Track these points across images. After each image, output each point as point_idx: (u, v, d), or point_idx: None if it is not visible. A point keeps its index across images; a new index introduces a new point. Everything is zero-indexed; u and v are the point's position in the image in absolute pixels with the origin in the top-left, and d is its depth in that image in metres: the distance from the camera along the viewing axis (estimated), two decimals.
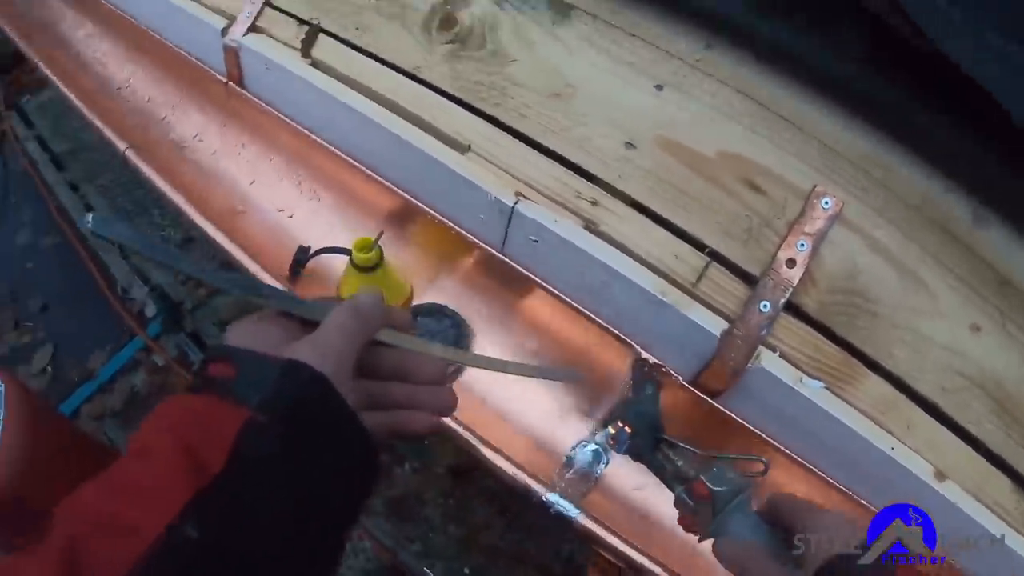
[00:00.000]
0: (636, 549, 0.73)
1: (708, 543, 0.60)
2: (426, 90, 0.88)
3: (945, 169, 0.79)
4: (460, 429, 0.76)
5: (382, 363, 0.45)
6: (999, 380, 0.81)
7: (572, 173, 0.81)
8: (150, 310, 1.62)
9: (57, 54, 1.22)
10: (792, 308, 0.77)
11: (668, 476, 0.69)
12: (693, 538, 0.65)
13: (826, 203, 0.77)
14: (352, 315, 0.42)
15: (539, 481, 0.75)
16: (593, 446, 0.82)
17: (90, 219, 0.37)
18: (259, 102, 1.02)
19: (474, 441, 0.75)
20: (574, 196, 0.80)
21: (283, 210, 1.03)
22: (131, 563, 0.30)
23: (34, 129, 1.79)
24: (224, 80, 1.04)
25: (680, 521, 0.67)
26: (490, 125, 0.84)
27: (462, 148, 0.85)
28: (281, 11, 0.99)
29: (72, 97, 1.10)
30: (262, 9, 1.00)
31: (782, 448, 0.81)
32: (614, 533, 0.73)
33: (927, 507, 0.77)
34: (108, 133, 1.04)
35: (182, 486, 0.32)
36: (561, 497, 0.73)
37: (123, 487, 0.33)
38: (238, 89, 1.04)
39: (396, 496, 1.40)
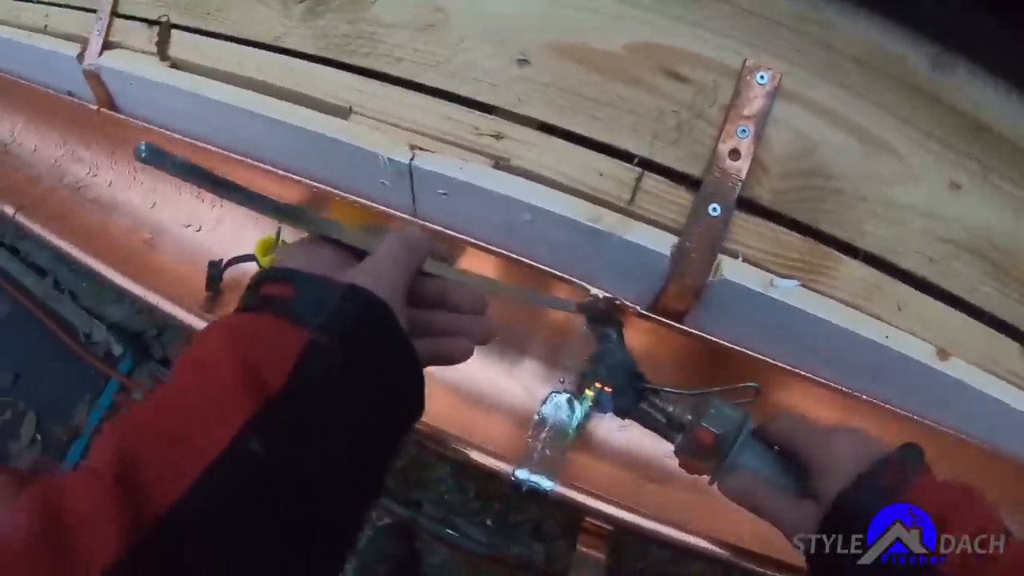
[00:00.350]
0: (627, 509, 0.55)
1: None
2: (292, 59, 0.67)
3: (890, 14, 0.60)
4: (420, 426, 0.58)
5: (426, 291, 0.41)
6: (989, 238, 0.62)
7: (466, 108, 0.60)
8: (116, 349, 1.43)
9: None
10: (746, 204, 0.58)
11: (662, 427, 0.53)
12: (691, 476, 0.50)
13: (761, 78, 0.57)
14: (402, 245, 0.38)
15: (502, 459, 0.57)
16: (563, 395, 0.64)
17: (143, 147, 0.32)
18: (136, 121, 0.83)
19: (434, 431, 0.57)
20: (473, 134, 0.61)
21: (190, 225, 0.83)
22: (194, 476, 0.26)
23: None
24: (96, 107, 0.84)
25: (683, 466, 0.51)
26: (367, 79, 0.64)
27: (343, 112, 0.65)
28: (129, 18, 0.78)
29: None
30: (110, 21, 0.79)
31: (769, 361, 0.63)
32: (599, 497, 0.55)
33: (936, 389, 0.61)
34: None
35: (244, 401, 0.28)
36: (531, 473, 0.56)
37: (181, 401, 0.29)
38: (112, 114, 0.84)
39: (402, 466, 1.24)
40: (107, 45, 0.79)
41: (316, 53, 0.66)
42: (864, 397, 0.62)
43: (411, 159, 0.60)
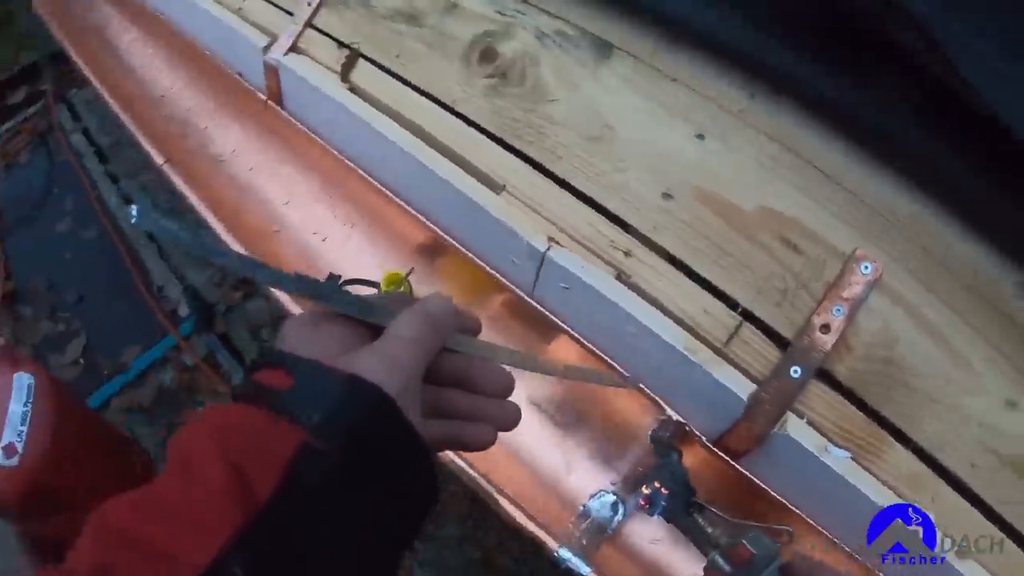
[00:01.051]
0: None
1: None
2: (463, 124, 0.79)
3: (992, 238, 0.69)
4: (474, 474, 0.68)
5: (446, 368, 0.37)
6: None
7: (607, 220, 0.71)
8: (183, 309, 1.52)
9: (103, 57, 1.14)
10: (823, 374, 0.68)
11: (702, 539, 0.63)
12: None
13: (866, 268, 0.67)
14: (423, 322, 0.35)
15: (551, 533, 0.67)
16: (611, 497, 0.74)
17: (135, 211, 0.31)
18: (296, 122, 0.95)
19: (488, 488, 0.67)
20: (608, 245, 0.71)
21: (316, 233, 0.95)
22: None
23: (81, 122, 1.69)
24: (264, 98, 0.96)
25: None
26: (526, 165, 0.75)
27: (497, 188, 0.76)
28: (323, 33, 0.90)
29: (113, 104, 1.02)
30: (304, 30, 0.91)
31: (803, 516, 0.72)
32: None
33: None
34: (146, 145, 0.97)
35: (228, 513, 0.26)
36: (573, 554, 0.65)
37: (163, 508, 0.27)
38: (276, 108, 0.96)
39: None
40: (294, 48, 0.91)
41: (487, 127, 0.77)
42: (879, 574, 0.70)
43: (547, 248, 0.70)
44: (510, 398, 0.39)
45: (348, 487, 0.29)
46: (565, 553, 0.65)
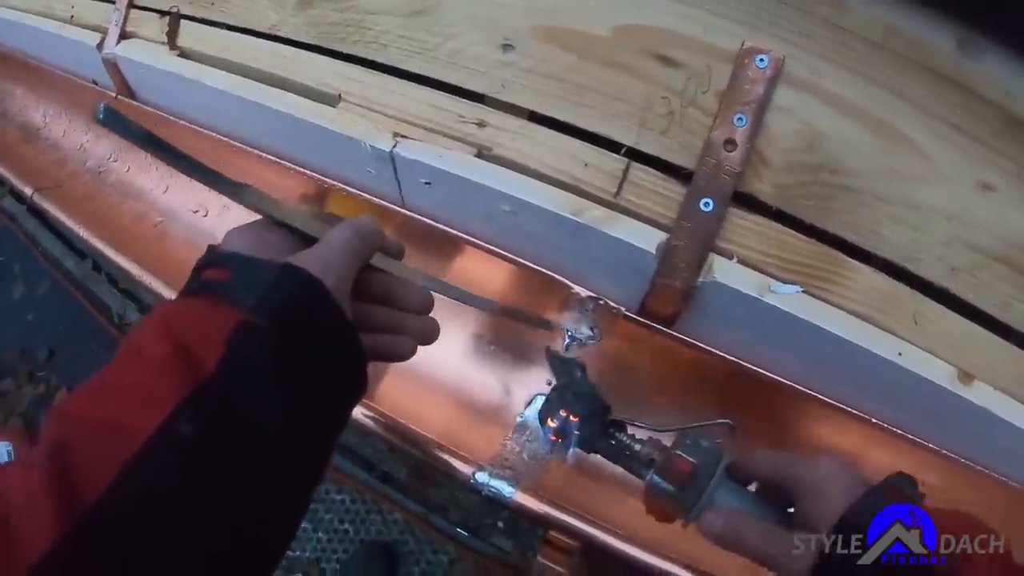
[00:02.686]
0: (592, 524, 0.50)
1: None
2: (286, 47, 0.66)
3: None
4: (367, 417, 0.55)
5: (371, 287, 0.39)
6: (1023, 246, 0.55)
7: (450, 96, 0.57)
8: None
9: None
10: (743, 199, 0.52)
11: (631, 463, 0.48)
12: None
13: (761, 60, 0.52)
14: (353, 234, 0.36)
15: (464, 460, 0.53)
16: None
17: (101, 108, 0.32)
18: (151, 109, 0.84)
19: (376, 422, 0.54)
20: (457, 121, 0.57)
21: (197, 211, 0.84)
22: (122, 462, 0.25)
23: (5, 185, 1.65)
24: (114, 95, 0.86)
25: (651, 512, 0.46)
26: (355, 66, 0.61)
27: (332, 99, 0.63)
28: (144, 8, 0.79)
29: None
30: (127, 12, 0.79)
31: (769, 375, 0.57)
32: (561, 508, 0.51)
33: (955, 416, 0.54)
34: (16, 182, 0.87)
35: (175, 385, 0.27)
36: (491, 477, 0.52)
37: (113, 387, 0.29)
38: (129, 101, 0.85)
39: (416, 463, 1.21)
40: (124, 35, 0.80)
41: (309, 41, 0.64)
42: (874, 421, 0.55)
43: (393, 146, 0.57)
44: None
45: (283, 357, 0.30)
46: (482, 477, 0.51)
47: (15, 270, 1.72)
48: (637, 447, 0.47)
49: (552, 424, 0.48)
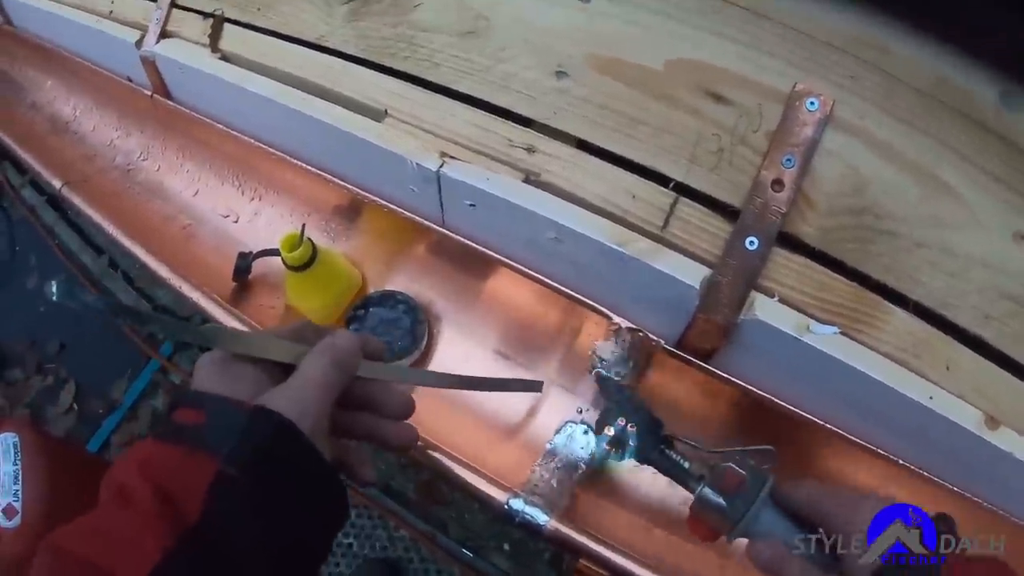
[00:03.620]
0: (624, 554, 0.50)
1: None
2: (334, 59, 0.65)
3: (957, 42, 0.54)
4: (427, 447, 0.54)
5: (352, 395, 0.38)
6: None
7: (500, 119, 0.57)
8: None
9: (10, 102, 1.04)
10: (787, 240, 0.52)
11: (683, 475, 0.48)
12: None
13: (812, 104, 0.52)
14: (330, 365, 0.35)
15: (499, 486, 0.52)
16: (579, 427, 0.58)
17: (54, 287, 0.32)
18: (187, 110, 0.82)
19: (438, 457, 0.53)
20: (506, 145, 0.57)
21: (227, 216, 0.82)
22: None
23: (27, 175, 1.62)
24: (150, 93, 0.84)
25: (695, 526, 0.46)
26: (404, 83, 0.61)
27: (378, 115, 0.62)
28: (186, 9, 0.77)
29: (10, 143, 0.91)
30: (169, 12, 0.78)
31: (799, 412, 0.57)
32: (595, 539, 0.50)
33: (980, 460, 0.54)
34: (45, 174, 0.85)
35: (160, 534, 0.28)
36: (526, 504, 0.51)
37: (103, 530, 0.29)
38: (164, 101, 0.84)
39: (425, 480, 1.20)
40: (164, 34, 0.79)
41: (357, 55, 0.63)
42: (901, 462, 0.55)
43: (439, 166, 0.57)
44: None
45: (262, 506, 0.30)
46: (517, 504, 0.51)
47: (31, 261, 1.69)
48: (686, 464, 0.47)
49: (609, 432, 0.48)
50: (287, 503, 0.32)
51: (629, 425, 0.50)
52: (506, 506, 0.51)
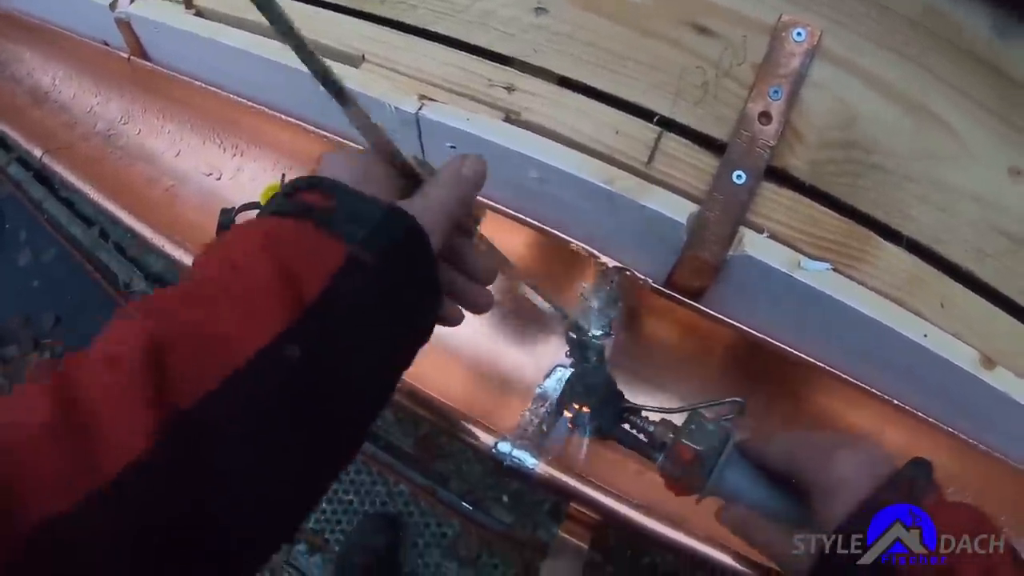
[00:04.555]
0: (614, 497, 0.48)
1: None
2: (308, 6, 0.63)
3: None
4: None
5: (451, 248, 0.37)
6: None
7: (479, 58, 0.55)
8: None
9: None
10: (776, 174, 0.51)
11: (643, 447, 0.47)
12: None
13: (798, 34, 0.51)
14: (455, 196, 0.34)
15: (487, 430, 0.51)
16: (570, 370, 0.57)
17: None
18: (165, 69, 0.81)
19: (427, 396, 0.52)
20: (486, 85, 0.55)
21: (211, 174, 0.81)
22: (227, 374, 0.25)
23: (12, 151, 1.61)
24: (127, 56, 0.83)
25: (669, 487, 0.46)
26: (381, 27, 0.59)
27: (355, 60, 0.61)
28: None
29: None
30: None
31: (791, 352, 0.56)
32: (584, 481, 0.49)
33: (975, 400, 0.53)
34: (25, 144, 0.84)
35: (282, 307, 0.27)
36: (513, 448, 0.50)
37: (215, 297, 0.27)
38: (142, 62, 0.82)
39: (424, 434, 1.20)
40: None
41: (333, 1, 0.62)
42: (895, 402, 0.54)
43: (418, 109, 0.55)
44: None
45: (384, 298, 0.30)
46: (504, 447, 0.49)
47: (21, 237, 1.67)
48: (651, 429, 0.47)
49: (567, 414, 0.47)
50: (406, 304, 0.31)
51: (583, 407, 0.49)
52: (493, 450, 0.50)
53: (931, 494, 0.36)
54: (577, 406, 0.49)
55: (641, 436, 0.48)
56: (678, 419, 0.47)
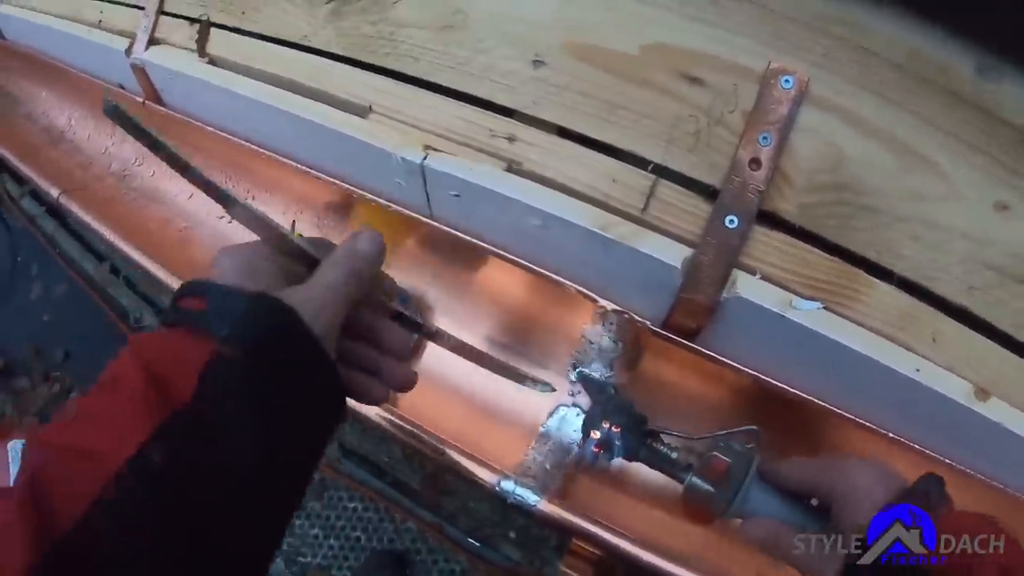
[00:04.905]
0: (616, 533, 0.50)
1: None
2: (317, 58, 0.66)
3: (928, 14, 0.54)
4: (387, 421, 0.55)
5: (359, 323, 0.38)
6: None
7: (481, 110, 0.57)
8: None
9: (5, 114, 1.06)
10: (767, 217, 0.53)
11: (671, 466, 0.49)
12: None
13: (787, 81, 0.53)
14: (350, 273, 0.34)
15: (490, 468, 0.53)
16: (573, 408, 0.59)
17: (109, 101, 0.30)
18: (178, 114, 0.84)
19: (429, 440, 0.54)
20: (487, 136, 0.57)
21: (223, 217, 0.84)
22: (95, 490, 0.25)
23: (26, 185, 1.65)
24: (142, 100, 0.86)
25: (689, 511, 0.48)
26: (387, 79, 0.62)
27: (363, 111, 0.63)
28: (174, 15, 0.79)
29: (7, 155, 0.93)
30: (157, 19, 0.80)
31: (787, 389, 0.57)
32: (585, 518, 0.51)
33: (971, 431, 0.54)
34: (42, 183, 0.87)
35: (149, 414, 0.27)
36: (516, 485, 0.52)
37: (88, 416, 0.28)
38: (156, 107, 0.85)
39: (431, 472, 1.22)
40: (153, 41, 0.80)
41: (340, 53, 0.64)
42: (891, 436, 0.56)
43: (423, 159, 0.57)
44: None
45: (257, 389, 0.30)
46: (508, 486, 0.51)
47: (33, 271, 1.71)
48: (674, 455, 0.48)
49: (595, 436, 0.49)
50: (284, 389, 0.31)
51: (613, 427, 0.51)
52: (497, 488, 0.52)
53: (943, 504, 0.38)
54: (607, 425, 0.50)
55: (667, 458, 0.49)
56: (697, 447, 0.49)
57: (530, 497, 0.51)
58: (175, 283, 0.73)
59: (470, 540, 1.17)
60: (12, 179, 1.69)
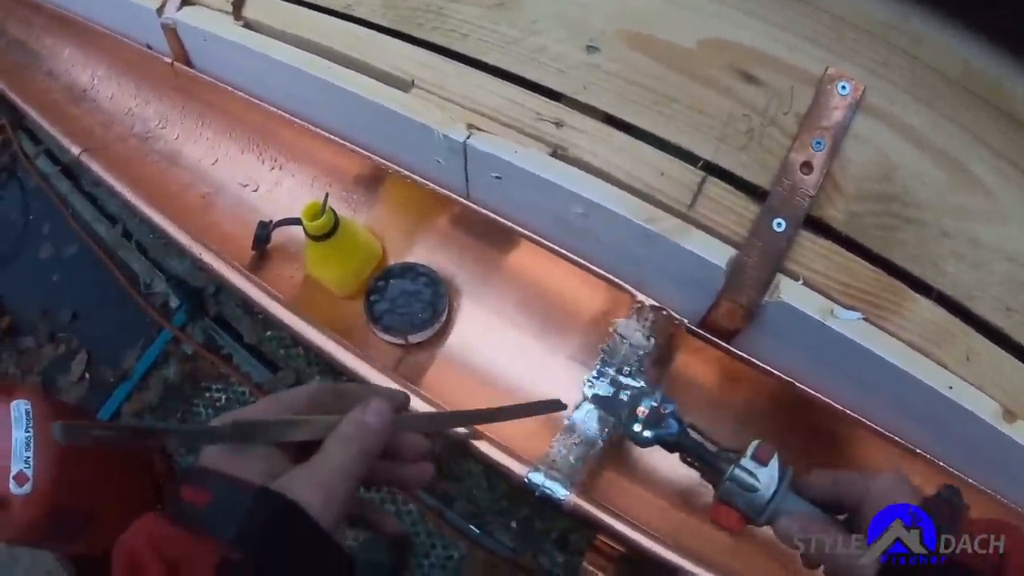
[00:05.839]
0: (641, 531, 0.50)
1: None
2: (361, 28, 0.65)
3: (988, 31, 0.53)
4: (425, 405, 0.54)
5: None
6: None
7: (529, 92, 0.56)
8: (173, 301, 1.42)
9: (27, 70, 1.04)
10: (814, 223, 0.52)
11: (713, 458, 0.47)
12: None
13: (843, 88, 0.52)
14: (360, 453, 0.33)
15: (521, 460, 0.52)
16: (601, 389, 0.56)
17: (58, 430, 0.29)
18: (208, 77, 0.82)
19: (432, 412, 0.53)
20: (534, 119, 0.56)
21: (247, 184, 0.82)
22: None
23: (42, 144, 1.61)
24: (170, 61, 0.84)
25: (720, 514, 0.45)
26: (432, 53, 0.61)
27: (405, 85, 0.62)
28: None
29: (29, 111, 0.91)
30: None
31: (818, 397, 0.56)
32: (612, 514, 0.50)
33: (997, 451, 0.54)
34: (63, 141, 0.85)
35: None
36: (546, 478, 0.51)
37: None
38: (185, 68, 0.83)
39: (437, 455, 1.20)
40: (186, 1, 0.78)
41: (385, 24, 0.63)
42: (918, 451, 0.55)
43: (467, 138, 0.56)
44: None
45: None
46: (537, 477, 0.50)
47: (44, 230, 1.67)
48: (713, 448, 0.46)
49: (642, 412, 0.46)
50: None
51: (663, 407, 0.47)
52: (526, 479, 0.51)
53: (965, 512, 0.37)
54: (656, 405, 0.47)
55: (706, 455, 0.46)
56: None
57: (559, 490, 0.50)
58: (196, 248, 0.71)
59: (470, 526, 1.17)
60: (29, 138, 1.67)
